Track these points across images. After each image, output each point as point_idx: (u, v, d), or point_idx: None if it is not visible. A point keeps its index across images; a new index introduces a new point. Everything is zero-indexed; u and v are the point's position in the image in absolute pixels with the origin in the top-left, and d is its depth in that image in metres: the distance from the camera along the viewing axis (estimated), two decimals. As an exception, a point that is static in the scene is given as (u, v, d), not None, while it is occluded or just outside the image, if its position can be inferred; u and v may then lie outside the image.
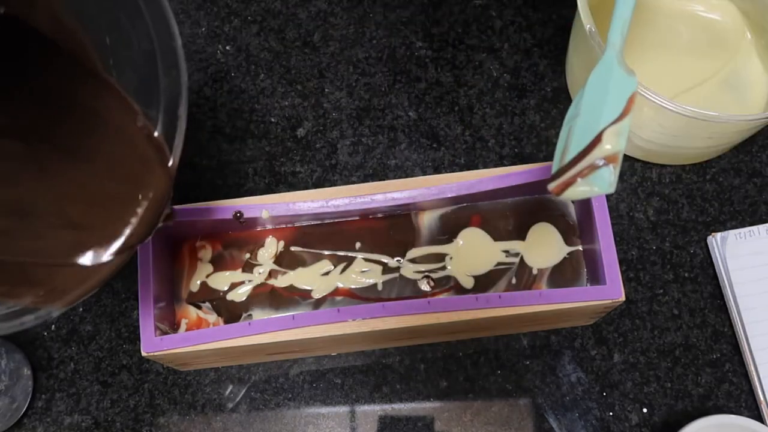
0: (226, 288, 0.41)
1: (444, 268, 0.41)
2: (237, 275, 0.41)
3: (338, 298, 0.41)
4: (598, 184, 0.29)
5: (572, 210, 0.42)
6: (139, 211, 0.31)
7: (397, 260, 0.41)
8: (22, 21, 0.28)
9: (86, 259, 0.30)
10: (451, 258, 0.41)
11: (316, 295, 0.41)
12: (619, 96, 0.30)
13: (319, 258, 0.41)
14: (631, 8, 0.33)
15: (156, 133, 0.31)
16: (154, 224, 0.32)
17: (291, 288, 0.41)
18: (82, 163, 0.31)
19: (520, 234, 0.42)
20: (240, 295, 0.41)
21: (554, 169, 0.32)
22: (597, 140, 0.29)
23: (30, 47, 0.29)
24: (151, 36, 0.29)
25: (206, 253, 0.42)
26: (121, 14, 0.29)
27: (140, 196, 0.31)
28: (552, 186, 0.31)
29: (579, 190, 0.30)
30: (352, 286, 0.41)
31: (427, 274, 0.41)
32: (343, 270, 0.41)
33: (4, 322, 0.27)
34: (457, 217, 0.42)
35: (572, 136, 0.31)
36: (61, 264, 0.30)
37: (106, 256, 0.31)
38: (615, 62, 0.32)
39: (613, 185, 0.29)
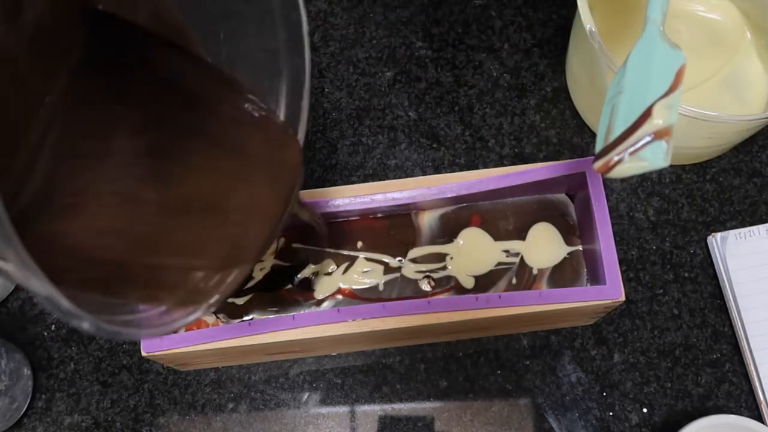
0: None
1: (445, 268, 0.41)
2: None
3: (339, 297, 0.41)
4: (650, 159, 0.28)
5: (572, 210, 0.42)
6: (276, 204, 0.30)
7: (399, 260, 0.41)
8: (119, 18, 0.27)
9: (234, 260, 0.29)
10: (451, 258, 0.41)
11: (318, 296, 0.41)
12: (665, 70, 0.30)
13: (322, 258, 0.41)
14: None
15: (281, 121, 0.30)
16: (286, 219, 0.31)
17: (293, 289, 0.41)
18: (218, 159, 0.30)
19: (520, 234, 0.42)
20: (243, 294, 0.41)
21: (598, 148, 0.31)
22: (646, 115, 0.29)
23: (133, 42, 0.28)
24: (275, 23, 0.28)
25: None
26: (242, 4, 0.28)
27: (276, 187, 0.30)
28: (598, 164, 0.30)
29: (629, 167, 0.29)
30: (354, 287, 0.41)
31: (428, 273, 0.41)
32: (346, 270, 0.41)
33: (155, 328, 0.26)
34: (458, 216, 0.42)
35: (617, 114, 0.31)
36: (212, 267, 0.29)
37: (250, 254, 0.29)
38: (658, 37, 0.32)
39: (668, 159, 0.28)
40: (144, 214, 0.28)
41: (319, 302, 0.41)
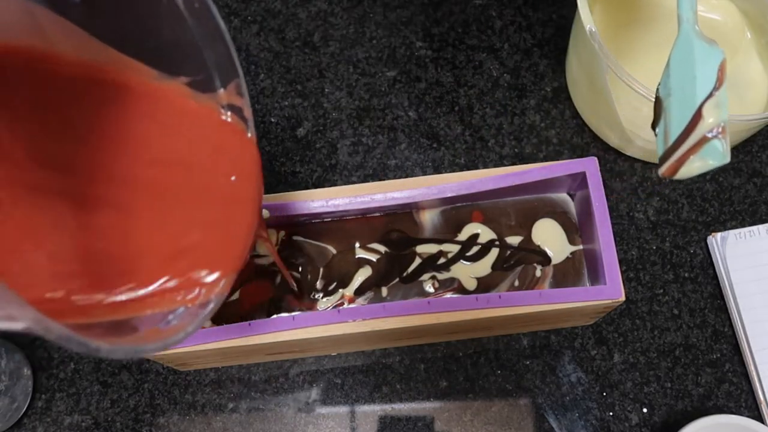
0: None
1: (448, 269, 0.41)
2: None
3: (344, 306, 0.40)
4: (712, 157, 0.29)
5: (573, 209, 0.42)
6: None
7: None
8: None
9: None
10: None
11: (320, 307, 0.40)
12: (707, 68, 0.30)
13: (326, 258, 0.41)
14: None
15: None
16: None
17: (300, 298, 0.41)
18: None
19: (523, 233, 0.42)
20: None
21: (660, 152, 0.32)
22: (698, 116, 0.30)
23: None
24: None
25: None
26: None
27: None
28: (663, 169, 0.31)
29: (694, 167, 0.30)
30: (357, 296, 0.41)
31: (434, 274, 0.41)
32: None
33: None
34: (459, 213, 0.42)
35: (670, 117, 0.32)
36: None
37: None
38: (694, 36, 0.32)
39: (728, 155, 0.29)
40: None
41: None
